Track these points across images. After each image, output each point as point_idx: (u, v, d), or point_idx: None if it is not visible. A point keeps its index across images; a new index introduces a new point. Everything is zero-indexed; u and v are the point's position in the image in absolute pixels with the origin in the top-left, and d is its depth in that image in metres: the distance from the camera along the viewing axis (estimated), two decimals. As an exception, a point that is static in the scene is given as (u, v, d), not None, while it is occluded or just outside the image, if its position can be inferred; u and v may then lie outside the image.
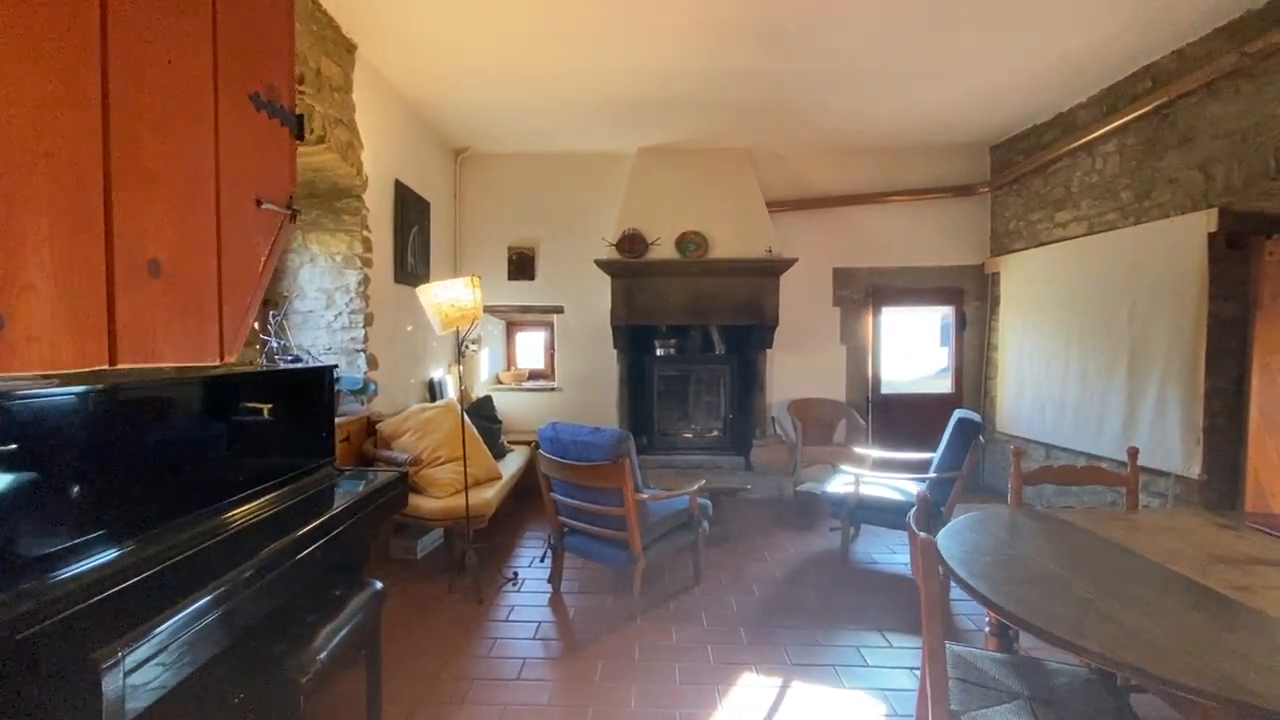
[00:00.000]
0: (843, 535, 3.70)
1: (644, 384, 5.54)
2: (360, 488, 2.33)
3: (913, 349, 5.92)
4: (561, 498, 3.08)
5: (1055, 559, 1.68)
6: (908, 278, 5.62)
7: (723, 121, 4.88)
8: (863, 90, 4.32)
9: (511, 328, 6.22)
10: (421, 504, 3.40)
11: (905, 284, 5.63)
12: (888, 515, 3.60)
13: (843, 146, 5.51)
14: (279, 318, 3.25)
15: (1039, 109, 4.70)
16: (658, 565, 3.39)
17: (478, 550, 3.35)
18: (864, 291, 5.64)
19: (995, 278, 5.46)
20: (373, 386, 3.65)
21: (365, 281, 3.79)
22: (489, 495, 3.52)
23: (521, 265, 5.66)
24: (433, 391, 4.89)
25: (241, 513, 1.86)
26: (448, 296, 3.04)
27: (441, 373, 5.23)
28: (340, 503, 2.13)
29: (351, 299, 3.77)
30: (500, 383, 5.91)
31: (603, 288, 5.31)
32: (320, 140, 3.23)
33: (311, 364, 2.47)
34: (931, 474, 3.50)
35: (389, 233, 4.21)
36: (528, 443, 5.16)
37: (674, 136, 5.20)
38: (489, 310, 5.70)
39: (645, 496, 2.86)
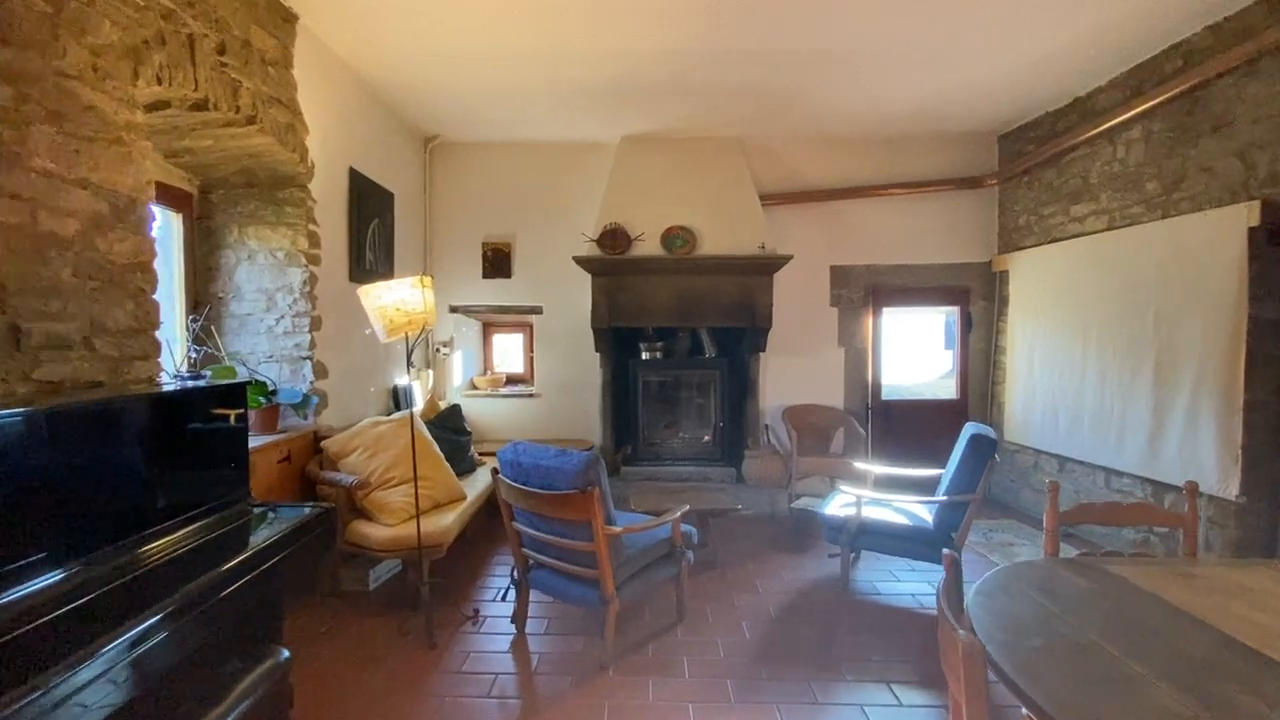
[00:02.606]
0: (842, 563, 3.34)
1: (629, 390, 5.16)
2: (272, 530, 1.95)
3: (915, 352, 5.56)
4: (525, 528, 2.71)
5: (1123, 642, 1.32)
6: (909, 276, 5.26)
7: (712, 108, 4.50)
8: (861, 73, 3.94)
9: (488, 329, 5.83)
10: (370, 532, 3.01)
11: (907, 283, 5.27)
12: (893, 542, 3.24)
13: (840, 136, 5.13)
14: (198, 322, 2.85)
15: (1054, 94, 4.33)
16: (635, 602, 3.02)
17: (434, 586, 2.97)
18: (863, 291, 5.28)
19: (1003, 276, 5.11)
20: (315, 400, 3.25)
21: (311, 281, 3.39)
22: (448, 521, 3.14)
23: (497, 262, 5.26)
24: (398, 400, 4.50)
25: (114, 569, 1.48)
26: (393, 299, 2.65)
27: (408, 379, 4.83)
28: (243, 551, 1.75)
29: (295, 300, 3.37)
30: (476, 388, 5.52)
31: (584, 287, 4.93)
32: (251, 121, 2.83)
33: (210, 381, 2.06)
34: (941, 496, 3.14)
35: (342, 227, 3.81)
36: (501, 454, 4.78)
37: (660, 124, 4.81)
38: (462, 311, 5.31)
39: (618, 530, 2.49)
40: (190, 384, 2.03)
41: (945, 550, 1.38)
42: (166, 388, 1.91)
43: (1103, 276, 4.02)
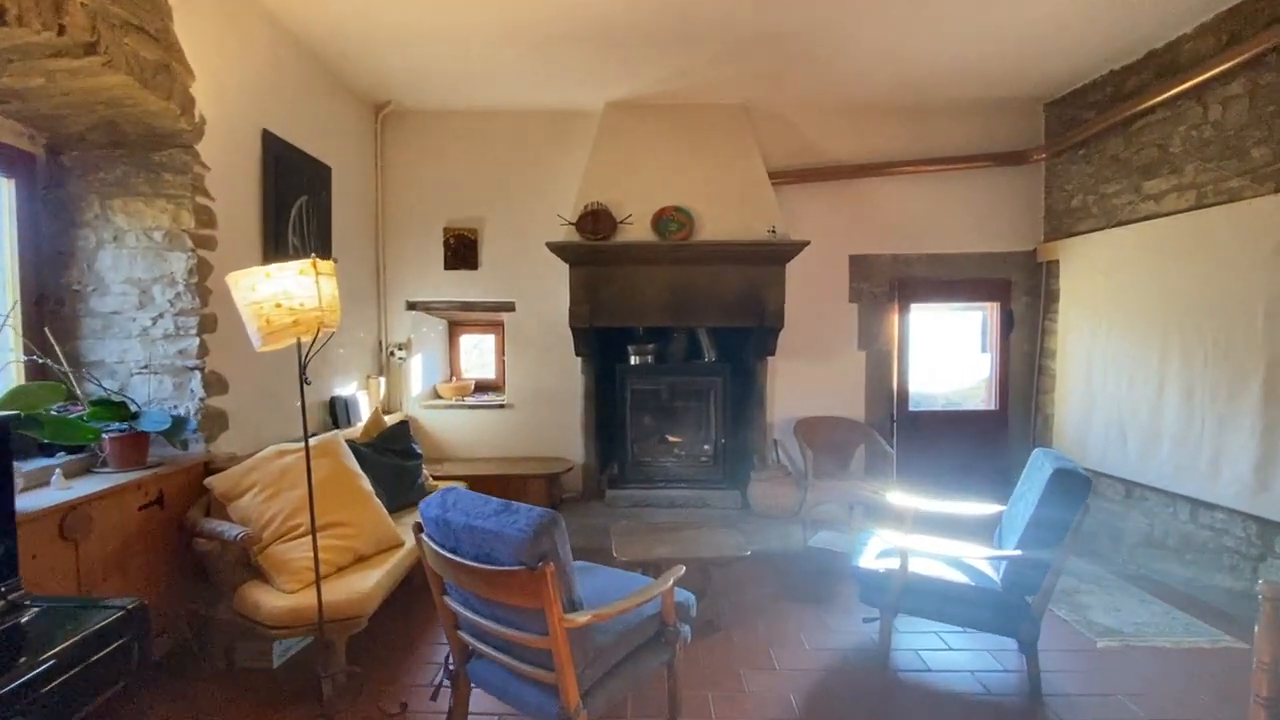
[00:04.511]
0: (882, 631, 2.61)
1: (615, 400, 4.42)
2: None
3: (948, 355, 4.84)
4: (459, 609, 1.97)
5: None
6: (941, 267, 4.54)
7: (711, 65, 3.76)
8: (887, 23, 3.24)
9: (455, 329, 5.09)
10: (262, 601, 2.27)
11: (938, 275, 4.54)
12: (949, 606, 2.51)
13: (861, 103, 4.39)
14: (6, 321, 2.10)
15: (1121, 47, 3.61)
16: (612, 706, 2.28)
17: (350, 675, 2.23)
18: (888, 284, 4.55)
19: (1052, 267, 4.39)
20: (193, 423, 2.51)
21: (200, 269, 2.64)
22: (368, 583, 2.39)
23: (461, 251, 4.51)
24: (336, 416, 3.76)
25: None
26: (272, 291, 1.91)
27: (353, 389, 4.09)
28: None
29: (179, 294, 2.62)
30: (440, 397, 4.78)
31: (564, 280, 4.18)
32: (90, 50, 2.08)
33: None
34: (1013, 550, 2.41)
35: (253, 203, 3.06)
36: (464, 479, 4.04)
37: (650, 87, 4.07)
38: (421, 307, 4.57)
39: (584, 620, 1.75)
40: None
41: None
42: None
43: (1190, 266, 3.30)
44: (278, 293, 1.91)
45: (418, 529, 1.98)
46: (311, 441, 2.73)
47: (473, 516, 1.79)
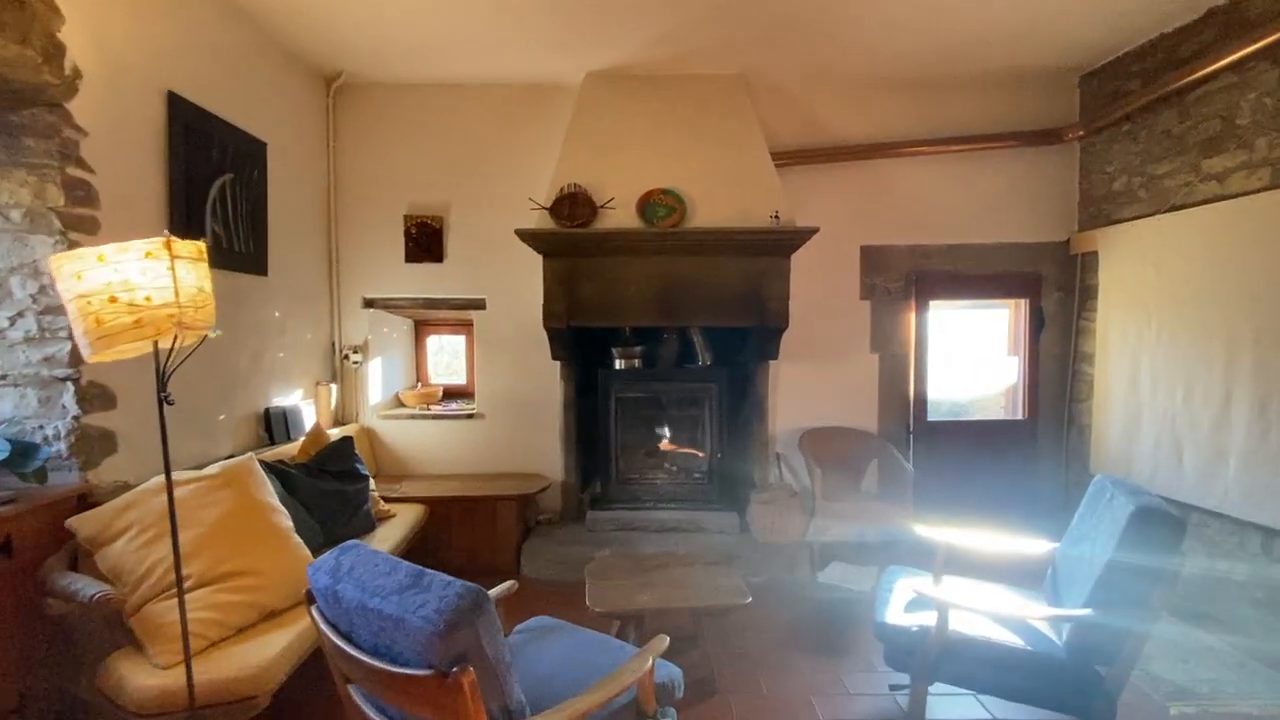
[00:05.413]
0: (913, 701, 2.12)
1: (598, 409, 3.92)
2: None
3: (971, 359, 4.36)
4: (365, 707, 1.47)
5: None
6: (963, 260, 4.05)
7: (701, 28, 3.26)
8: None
9: (421, 329, 4.59)
10: (127, 678, 1.78)
11: (960, 268, 4.06)
12: (997, 675, 2.02)
13: (874, 75, 3.90)
14: None
15: (1175, 6, 3.12)
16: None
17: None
18: (903, 279, 4.06)
19: (1088, 259, 3.90)
20: (48, 450, 2.00)
21: (72, 257, 2.13)
22: (268, 653, 1.90)
23: (424, 241, 4.01)
24: (273, 430, 3.25)
25: None
26: (105, 280, 1.41)
27: (297, 398, 3.59)
28: None
29: (44, 287, 2.12)
30: (404, 405, 4.29)
31: (538, 273, 3.67)
32: (-112, -34, 1.58)
33: None
34: (1081, 608, 1.92)
35: (155, 178, 2.55)
36: (422, 501, 3.54)
37: (635, 54, 3.57)
38: (380, 305, 4.06)
39: (523, 739, 1.26)
40: None
41: None
42: None
43: (1264, 254, 2.82)
44: (114, 283, 1.41)
45: (309, 599, 1.49)
46: (214, 468, 2.26)
47: (368, 592, 1.29)
